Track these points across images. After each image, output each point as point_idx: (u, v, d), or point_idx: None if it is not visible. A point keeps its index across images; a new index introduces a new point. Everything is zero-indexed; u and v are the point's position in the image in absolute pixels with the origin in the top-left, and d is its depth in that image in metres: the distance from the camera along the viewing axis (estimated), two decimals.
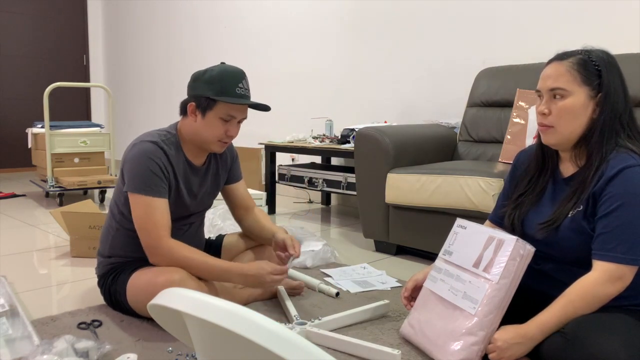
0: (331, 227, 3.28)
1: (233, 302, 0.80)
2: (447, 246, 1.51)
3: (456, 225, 1.51)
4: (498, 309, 1.31)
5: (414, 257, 2.57)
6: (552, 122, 1.32)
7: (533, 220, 1.41)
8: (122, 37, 6.32)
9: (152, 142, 1.65)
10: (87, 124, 4.27)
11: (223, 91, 1.62)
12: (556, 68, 1.32)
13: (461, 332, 1.32)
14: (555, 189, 1.41)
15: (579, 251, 1.31)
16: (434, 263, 1.53)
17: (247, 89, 1.67)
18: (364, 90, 3.80)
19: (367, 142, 2.58)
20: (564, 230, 1.32)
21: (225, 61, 4.88)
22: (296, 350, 0.72)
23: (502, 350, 1.26)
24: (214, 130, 1.66)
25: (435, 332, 1.40)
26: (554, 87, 1.31)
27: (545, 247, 1.38)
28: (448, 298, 1.40)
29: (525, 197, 1.46)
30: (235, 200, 1.95)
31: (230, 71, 1.65)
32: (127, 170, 1.64)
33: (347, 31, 3.87)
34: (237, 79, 1.64)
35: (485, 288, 1.32)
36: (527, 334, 1.25)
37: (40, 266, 2.38)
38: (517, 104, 2.55)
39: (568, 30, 2.78)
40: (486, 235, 1.40)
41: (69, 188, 3.82)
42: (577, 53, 1.32)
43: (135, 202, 1.62)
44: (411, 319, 1.53)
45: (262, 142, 3.71)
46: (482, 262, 1.36)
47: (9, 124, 5.97)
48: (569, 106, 1.30)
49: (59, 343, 1.37)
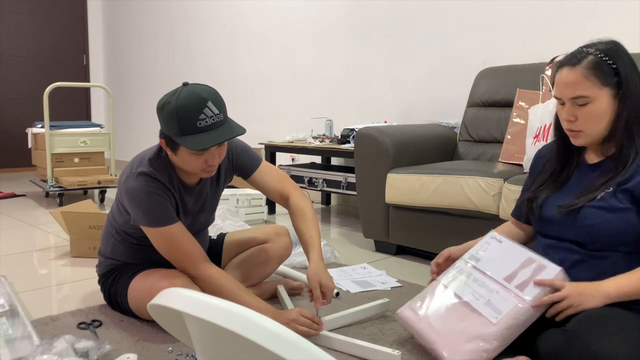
0: (331, 227, 3.28)
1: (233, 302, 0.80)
2: (474, 252, 1.49)
3: (490, 237, 1.50)
4: (519, 327, 1.29)
5: (414, 257, 2.57)
6: (580, 127, 1.32)
7: (553, 203, 1.40)
8: (122, 37, 6.32)
9: (145, 173, 1.57)
10: (87, 124, 4.27)
11: (183, 130, 1.46)
12: (572, 75, 1.29)
13: (475, 335, 1.31)
14: (581, 176, 1.40)
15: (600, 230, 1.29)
16: (455, 264, 1.51)
17: (213, 116, 1.47)
18: (364, 90, 3.80)
19: (367, 142, 2.58)
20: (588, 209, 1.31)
21: (225, 61, 4.89)
22: (296, 350, 0.72)
23: (573, 297, 1.23)
24: (191, 164, 1.54)
25: (445, 326, 1.37)
26: (574, 95, 1.29)
27: (563, 229, 1.36)
28: (468, 299, 1.38)
29: (547, 186, 1.45)
30: (264, 191, 1.80)
31: (186, 103, 1.45)
32: (129, 207, 1.59)
33: (348, 31, 3.87)
34: (197, 110, 1.45)
35: (514, 303, 1.30)
36: (601, 289, 1.23)
37: (40, 266, 2.38)
38: (517, 104, 2.55)
39: (568, 30, 2.78)
40: (525, 256, 1.38)
41: (69, 188, 3.82)
42: (588, 53, 1.30)
43: (153, 236, 1.59)
44: (415, 305, 1.49)
45: (262, 142, 3.71)
46: (516, 279, 1.35)
47: (9, 124, 5.97)
48: (595, 111, 1.29)
49: (59, 343, 1.37)
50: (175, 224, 1.58)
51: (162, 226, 1.56)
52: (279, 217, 3.53)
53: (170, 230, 1.57)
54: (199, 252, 1.61)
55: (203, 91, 1.48)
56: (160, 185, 1.58)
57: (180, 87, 1.50)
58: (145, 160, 1.61)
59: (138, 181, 1.56)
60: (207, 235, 1.91)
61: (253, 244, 1.95)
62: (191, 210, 1.71)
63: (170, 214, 1.58)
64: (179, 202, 1.66)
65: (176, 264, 1.62)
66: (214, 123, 1.48)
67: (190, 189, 1.69)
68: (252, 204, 3.30)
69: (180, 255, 1.59)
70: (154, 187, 1.56)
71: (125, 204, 1.61)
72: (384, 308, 1.79)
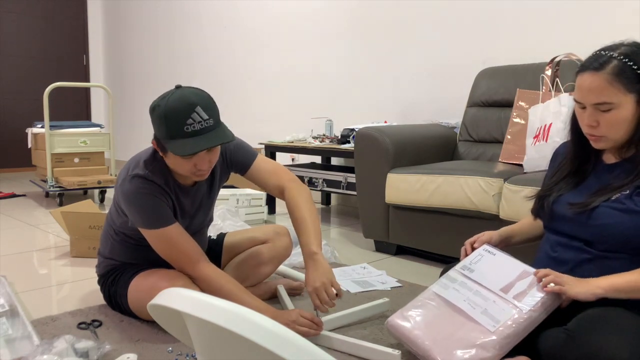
0: (331, 227, 3.28)
1: (233, 302, 0.80)
2: (467, 263, 1.48)
3: (482, 249, 1.49)
4: (517, 336, 1.29)
5: (414, 257, 2.57)
6: (603, 133, 1.29)
7: (567, 201, 1.39)
8: (122, 37, 6.32)
9: (140, 176, 1.56)
10: (87, 124, 4.27)
11: (170, 134, 1.46)
12: (596, 81, 1.26)
13: (474, 344, 1.30)
14: (597, 175, 1.39)
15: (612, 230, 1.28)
16: (447, 273, 1.51)
17: (201, 121, 1.45)
18: (364, 90, 3.80)
19: (367, 142, 2.58)
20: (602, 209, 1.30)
21: (225, 61, 4.89)
22: (296, 350, 0.72)
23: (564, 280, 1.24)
24: (181, 166, 1.53)
25: (440, 334, 1.37)
26: (598, 102, 1.27)
27: (574, 227, 1.35)
28: (463, 308, 1.38)
29: (563, 183, 1.44)
30: (261, 185, 1.78)
31: (175, 108, 1.44)
32: (126, 209, 1.59)
33: (348, 31, 3.87)
34: (185, 115, 1.44)
35: (512, 313, 1.30)
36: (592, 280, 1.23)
37: (40, 266, 2.38)
38: (517, 104, 2.55)
39: (568, 30, 2.78)
40: (520, 269, 1.38)
41: (69, 188, 3.82)
42: (612, 58, 1.26)
43: (151, 238, 1.59)
44: (407, 313, 1.47)
45: (262, 142, 3.71)
46: (513, 290, 1.34)
47: (9, 124, 5.97)
48: (618, 117, 1.26)
49: (59, 343, 1.37)
50: (172, 225, 1.58)
51: (159, 228, 1.56)
52: (279, 217, 3.53)
53: (167, 232, 1.57)
54: (198, 252, 1.60)
55: (194, 95, 1.47)
56: (156, 187, 1.57)
57: (172, 90, 1.48)
58: (141, 162, 1.60)
59: (134, 184, 1.55)
60: (205, 235, 1.91)
61: (253, 244, 1.95)
62: (188, 211, 1.71)
63: (167, 216, 1.58)
64: (176, 204, 1.66)
65: (175, 264, 1.62)
66: (202, 128, 1.46)
67: (186, 191, 1.68)
68: (252, 204, 3.30)
69: (178, 256, 1.59)
70: (149, 189, 1.56)
71: (122, 207, 1.61)
72: (384, 308, 1.79)
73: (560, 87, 2.36)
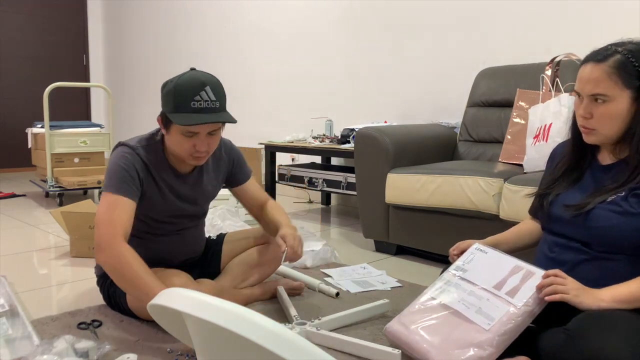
0: (331, 227, 3.28)
1: (233, 302, 0.80)
2: (460, 264, 1.49)
3: (474, 248, 1.50)
4: (512, 332, 1.29)
5: (414, 257, 2.57)
6: (594, 126, 1.30)
7: (563, 202, 1.39)
8: (122, 37, 6.32)
9: (129, 146, 1.62)
10: (87, 124, 4.27)
11: (177, 107, 1.51)
12: (595, 71, 1.27)
13: (471, 343, 1.30)
14: (593, 176, 1.39)
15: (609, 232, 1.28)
16: (441, 275, 1.51)
17: (208, 100, 1.51)
18: (364, 90, 3.80)
19: (367, 142, 2.58)
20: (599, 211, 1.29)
21: (225, 61, 4.90)
22: (296, 350, 0.72)
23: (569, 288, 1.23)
24: (180, 145, 1.57)
25: (437, 336, 1.37)
26: (594, 93, 1.27)
27: (571, 228, 1.35)
28: (458, 308, 1.38)
29: (560, 182, 1.44)
30: (248, 201, 1.91)
31: (186, 83, 1.52)
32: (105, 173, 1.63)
33: (348, 31, 3.87)
34: (194, 91, 1.50)
35: (506, 309, 1.30)
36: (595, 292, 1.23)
37: (40, 266, 2.38)
38: (517, 104, 2.55)
39: (568, 30, 2.78)
40: (512, 264, 1.39)
41: (69, 188, 3.82)
42: (616, 52, 1.27)
43: (102, 200, 1.59)
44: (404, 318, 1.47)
45: (262, 142, 3.71)
46: (506, 286, 1.35)
47: (9, 124, 5.97)
48: (612, 111, 1.27)
49: (59, 343, 1.37)
50: (126, 198, 1.57)
51: (114, 193, 1.57)
52: None
53: (118, 200, 1.56)
54: (125, 229, 1.54)
55: (205, 77, 1.55)
56: (138, 160, 1.61)
57: (186, 71, 1.56)
58: (137, 137, 1.68)
59: (119, 150, 1.63)
60: (202, 232, 1.92)
61: (253, 244, 1.96)
62: (189, 196, 1.74)
63: (129, 189, 1.58)
64: (164, 187, 1.67)
65: (98, 227, 1.54)
66: (207, 107, 1.52)
67: (185, 177, 1.71)
68: None
69: (107, 223, 1.53)
70: (130, 159, 1.60)
71: None
72: (384, 308, 1.79)
73: (560, 87, 2.36)
